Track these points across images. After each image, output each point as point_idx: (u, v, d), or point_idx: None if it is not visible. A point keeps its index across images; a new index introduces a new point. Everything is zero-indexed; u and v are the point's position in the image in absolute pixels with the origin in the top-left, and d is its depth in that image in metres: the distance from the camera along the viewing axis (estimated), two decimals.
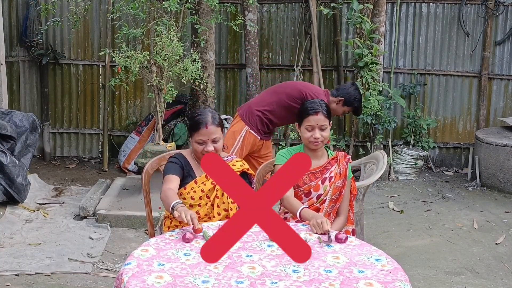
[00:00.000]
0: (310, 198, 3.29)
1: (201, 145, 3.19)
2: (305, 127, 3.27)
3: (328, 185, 3.28)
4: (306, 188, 3.29)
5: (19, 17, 7.26)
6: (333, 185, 3.28)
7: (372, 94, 6.52)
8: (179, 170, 3.20)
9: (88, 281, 4.16)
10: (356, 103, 4.72)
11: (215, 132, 3.19)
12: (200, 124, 3.18)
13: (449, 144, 7.45)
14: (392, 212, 5.95)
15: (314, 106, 3.27)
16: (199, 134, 3.18)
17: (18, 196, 5.45)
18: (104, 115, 7.28)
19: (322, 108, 3.27)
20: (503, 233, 5.39)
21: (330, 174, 3.29)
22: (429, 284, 4.32)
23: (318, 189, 3.28)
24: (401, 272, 2.46)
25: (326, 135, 3.27)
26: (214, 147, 3.20)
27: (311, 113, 3.26)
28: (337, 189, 3.29)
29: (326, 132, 3.27)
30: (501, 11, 7.16)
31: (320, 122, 3.25)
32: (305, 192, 3.29)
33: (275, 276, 2.38)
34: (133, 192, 5.82)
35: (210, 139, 3.18)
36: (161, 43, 5.45)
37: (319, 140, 3.26)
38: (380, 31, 6.75)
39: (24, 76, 7.41)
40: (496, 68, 7.29)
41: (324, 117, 3.26)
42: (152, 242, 2.65)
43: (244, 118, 4.76)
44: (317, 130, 3.25)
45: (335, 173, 3.29)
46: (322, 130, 3.25)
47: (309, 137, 3.26)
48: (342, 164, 3.30)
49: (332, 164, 3.31)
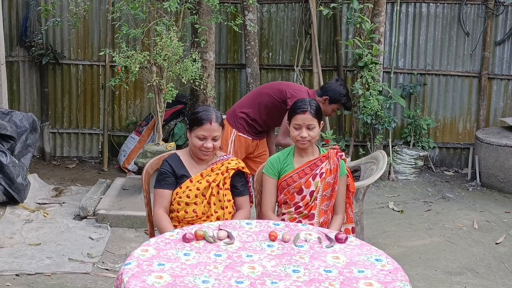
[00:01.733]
0: (304, 196, 3.30)
1: (201, 141, 3.21)
2: (293, 126, 3.31)
3: (319, 181, 3.29)
4: (297, 186, 3.30)
5: (19, 17, 7.26)
6: (324, 181, 3.29)
7: (372, 94, 6.52)
8: (170, 181, 3.23)
9: (88, 281, 4.16)
10: (342, 98, 4.61)
11: (217, 130, 3.22)
12: (204, 120, 3.20)
13: (449, 144, 7.45)
14: (392, 212, 5.95)
15: (302, 105, 3.31)
16: (202, 129, 3.20)
17: (18, 196, 5.45)
18: (104, 115, 7.28)
19: (311, 108, 3.29)
20: (503, 233, 5.39)
21: (320, 170, 3.30)
22: (429, 284, 4.32)
23: (309, 186, 3.29)
24: (401, 272, 2.46)
25: (313, 135, 3.30)
26: (213, 144, 3.22)
27: (299, 112, 3.29)
28: (328, 185, 3.30)
29: (314, 132, 3.29)
30: (501, 11, 7.15)
31: (308, 121, 3.27)
32: (297, 190, 3.31)
33: (275, 276, 2.38)
34: (133, 192, 5.82)
35: (212, 136, 3.20)
36: (161, 43, 5.45)
37: (306, 139, 3.28)
38: (380, 31, 6.75)
39: (24, 76, 7.41)
40: (496, 68, 7.29)
41: (312, 116, 3.28)
42: (152, 242, 2.65)
43: (231, 122, 4.76)
44: (304, 129, 3.27)
45: (325, 169, 3.30)
46: (309, 129, 3.28)
47: (297, 136, 3.29)
48: (333, 160, 3.32)
49: (322, 160, 3.33)
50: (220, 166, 3.27)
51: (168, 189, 3.22)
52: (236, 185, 3.31)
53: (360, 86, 6.55)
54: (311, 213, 3.29)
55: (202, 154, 3.23)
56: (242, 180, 3.34)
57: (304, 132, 3.27)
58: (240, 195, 3.32)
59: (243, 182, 3.34)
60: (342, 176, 3.36)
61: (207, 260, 2.50)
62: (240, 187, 3.32)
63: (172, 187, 3.23)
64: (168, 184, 3.22)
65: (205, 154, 3.23)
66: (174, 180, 3.23)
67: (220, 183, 3.24)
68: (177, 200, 3.20)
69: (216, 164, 3.28)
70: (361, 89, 6.56)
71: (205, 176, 3.23)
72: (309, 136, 3.28)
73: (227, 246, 2.66)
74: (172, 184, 3.23)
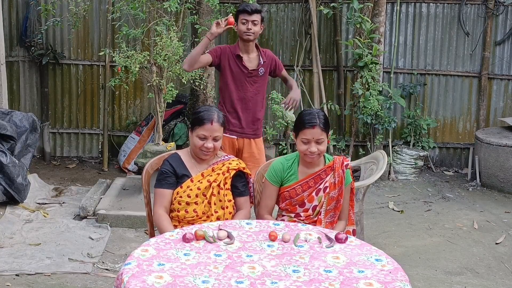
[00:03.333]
0: (306, 210, 3.26)
1: (202, 141, 3.21)
2: (301, 140, 3.19)
3: (323, 196, 3.22)
4: (299, 199, 3.24)
5: (19, 17, 7.26)
6: (327, 196, 3.22)
7: (372, 94, 6.52)
8: (171, 181, 3.23)
9: (88, 281, 4.16)
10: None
11: (218, 130, 3.22)
12: (206, 120, 3.20)
13: (449, 144, 7.45)
14: (392, 212, 5.95)
15: (311, 119, 3.17)
16: (203, 129, 3.20)
17: (18, 196, 5.45)
18: (104, 115, 7.28)
19: (320, 121, 3.16)
20: (503, 233, 5.39)
21: (324, 185, 3.22)
22: (429, 284, 4.32)
23: (312, 201, 3.23)
24: (401, 272, 2.46)
25: (322, 149, 3.18)
26: (214, 145, 3.22)
27: (307, 126, 3.16)
28: (332, 199, 3.23)
29: (323, 146, 3.18)
30: (501, 11, 7.15)
31: (317, 135, 3.15)
32: (299, 203, 3.25)
33: (275, 276, 2.38)
34: (133, 192, 5.82)
35: (212, 136, 3.20)
36: (161, 43, 5.45)
37: (315, 154, 3.18)
38: (380, 31, 6.75)
39: (24, 76, 7.41)
40: (496, 68, 7.29)
41: (321, 130, 3.15)
42: (152, 242, 2.65)
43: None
44: (313, 143, 3.16)
45: (329, 183, 3.22)
46: (318, 143, 3.17)
47: (305, 150, 3.18)
48: (338, 173, 3.23)
49: (327, 173, 3.24)
50: (221, 166, 3.27)
51: (169, 188, 3.22)
52: (236, 185, 3.31)
53: (360, 86, 6.56)
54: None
55: (202, 154, 3.23)
56: (243, 181, 3.34)
57: (313, 146, 3.15)
58: (241, 195, 3.32)
59: (244, 183, 3.34)
60: (346, 185, 3.27)
61: (207, 260, 2.50)
62: (240, 187, 3.32)
63: (172, 187, 3.23)
64: (168, 184, 3.22)
65: (205, 154, 3.23)
66: (175, 180, 3.23)
67: (221, 183, 3.24)
68: (177, 200, 3.21)
69: (217, 164, 3.28)
70: (361, 89, 6.56)
71: (206, 176, 3.24)
72: (318, 150, 3.17)
73: (227, 246, 2.66)
74: (173, 184, 3.23)
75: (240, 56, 4.44)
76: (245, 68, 4.46)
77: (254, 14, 4.37)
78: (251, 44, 4.46)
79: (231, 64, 4.45)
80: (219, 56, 4.45)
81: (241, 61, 4.45)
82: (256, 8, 4.41)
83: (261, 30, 4.49)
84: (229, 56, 4.45)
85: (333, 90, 7.38)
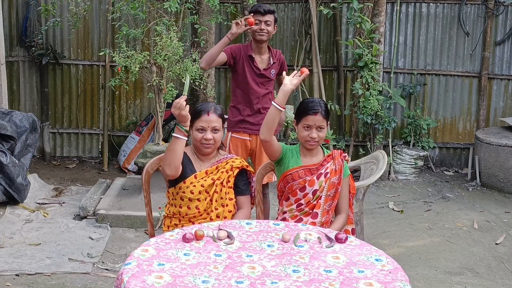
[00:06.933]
0: (306, 194, 3.30)
1: (201, 133, 3.24)
2: (303, 126, 3.30)
3: (324, 180, 3.29)
4: (301, 182, 3.30)
5: (19, 17, 7.26)
6: (328, 181, 3.29)
7: (372, 94, 6.52)
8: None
9: (88, 281, 4.16)
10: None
11: (215, 121, 3.25)
12: (202, 111, 3.25)
13: (449, 144, 7.45)
14: (392, 212, 5.95)
15: (313, 106, 3.29)
16: (200, 121, 3.24)
17: (18, 196, 5.45)
18: (104, 115, 7.28)
19: (321, 109, 3.29)
20: (503, 233, 5.39)
21: (325, 170, 3.31)
22: (429, 284, 4.32)
23: (313, 184, 3.29)
24: (401, 272, 2.46)
25: (322, 136, 3.30)
26: (214, 137, 3.23)
27: (310, 113, 3.28)
28: (333, 185, 3.30)
29: (323, 133, 3.30)
30: (501, 11, 7.16)
31: (318, 122, 3.27)
32: (300, 186, 3.30)
33: (275, 276, 2.38)
34: (133, 192, 5.82)
35: (211, 127, 3.23)
36: (161, 43, 5.45)
37: (315, 140, 3.29)
38: (380, 31, 6.75)
39: (24, 76, 7.41)
40: (496, 68, 7.29)
41: (323, 117, 3.28)
42: (152, 242, 2.65)
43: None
44: (314, 130, 3.27)
45: (330, 169, 3.31)
46: (319, 130, 3.28)
47: (306, 136, 3.29)
48: (338, 161, 3.33)
49: (328, 160, 3.34)
50: (224, 164, 3.29)
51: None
52: (238, 184, 3.32)
53: (360, 86, 6.56)
54: (314, 211, 3.29)
55: (203, 147, 3.25)
56: (244, 180, 3.36)
57: (314, 133, 3.27)
58: (242, 194, 3.33)
59: (245, 182, 3.36)
60: (345, 177, 3.36)
61: (207, 260, 2.50)
62: (242, 186, 3.33)
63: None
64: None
65: (206, 147, 3.24)
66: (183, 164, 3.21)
67: (224, 181, 3.26)
68: (180, 195, 3.22)
69: (221, 162, 3.30)
70: (361, 89, 6.56)
71: (209, 174, 3.25)
72: (318, 137, 3.28)
73: (227, 246, 2.66)
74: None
75: (252, 56, 4.49)
76: (257, 69, 4.50)
77: (267, 15, 4.42)
78: (264, 45, 4.50)
79: (244, 64, 4.50)
80: (233, 56, 4.49)
81: (253, 62, 4.50)
82: (269, 8, 4.46)
83: (274, 30, 4.53)
84: (243, 56, 4.50)
85: (333, 90, 7.38)
